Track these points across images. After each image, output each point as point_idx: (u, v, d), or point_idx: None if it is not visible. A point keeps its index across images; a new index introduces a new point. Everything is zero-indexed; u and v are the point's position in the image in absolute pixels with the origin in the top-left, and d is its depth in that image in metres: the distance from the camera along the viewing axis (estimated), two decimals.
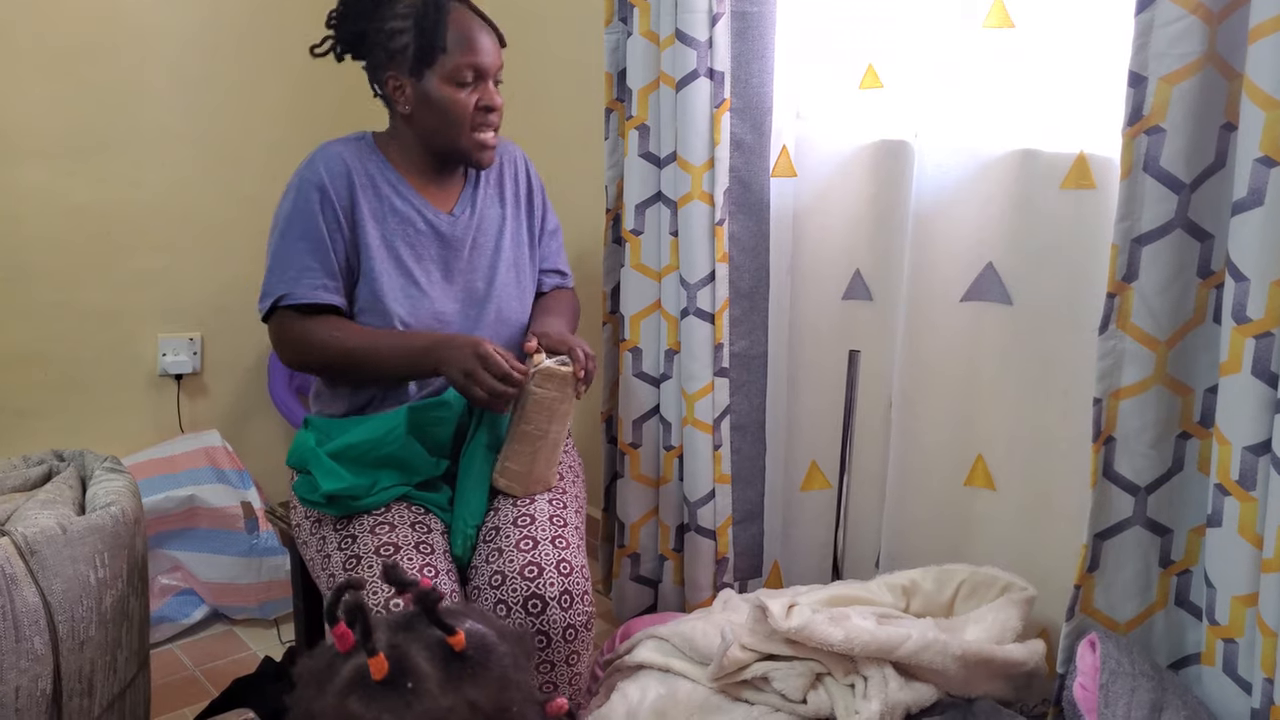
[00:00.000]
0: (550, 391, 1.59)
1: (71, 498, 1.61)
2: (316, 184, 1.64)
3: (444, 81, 1.63)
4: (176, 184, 2.37)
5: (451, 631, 0.82)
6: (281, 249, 1.64)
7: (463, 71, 1.62)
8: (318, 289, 1.62)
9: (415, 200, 1.69)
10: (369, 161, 1.69)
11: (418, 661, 0.83)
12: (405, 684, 0.82)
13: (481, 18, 1.67)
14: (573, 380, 1.60)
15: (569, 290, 1.89)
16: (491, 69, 1.65)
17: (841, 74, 1.86)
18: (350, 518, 1.58)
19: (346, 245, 1.65)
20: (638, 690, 1.60)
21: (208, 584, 2.24)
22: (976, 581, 1.69)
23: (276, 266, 1.64)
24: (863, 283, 1.92)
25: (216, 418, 2.49)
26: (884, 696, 1.46)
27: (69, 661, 1.47)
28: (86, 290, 2.30)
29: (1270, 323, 1.29)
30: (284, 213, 1.66)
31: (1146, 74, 1.38)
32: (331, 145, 1.70)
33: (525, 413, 1.59)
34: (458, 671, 0.84)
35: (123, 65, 2.27)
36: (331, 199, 1.63)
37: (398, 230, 1.67)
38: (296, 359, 1.68)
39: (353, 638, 0.84)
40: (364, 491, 1.57)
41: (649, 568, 2.12)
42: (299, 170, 1.67)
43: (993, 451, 1.78)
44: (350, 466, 1.58)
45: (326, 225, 1.63)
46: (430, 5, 1.62)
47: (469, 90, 1.64)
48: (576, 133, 2.35)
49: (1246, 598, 1.37)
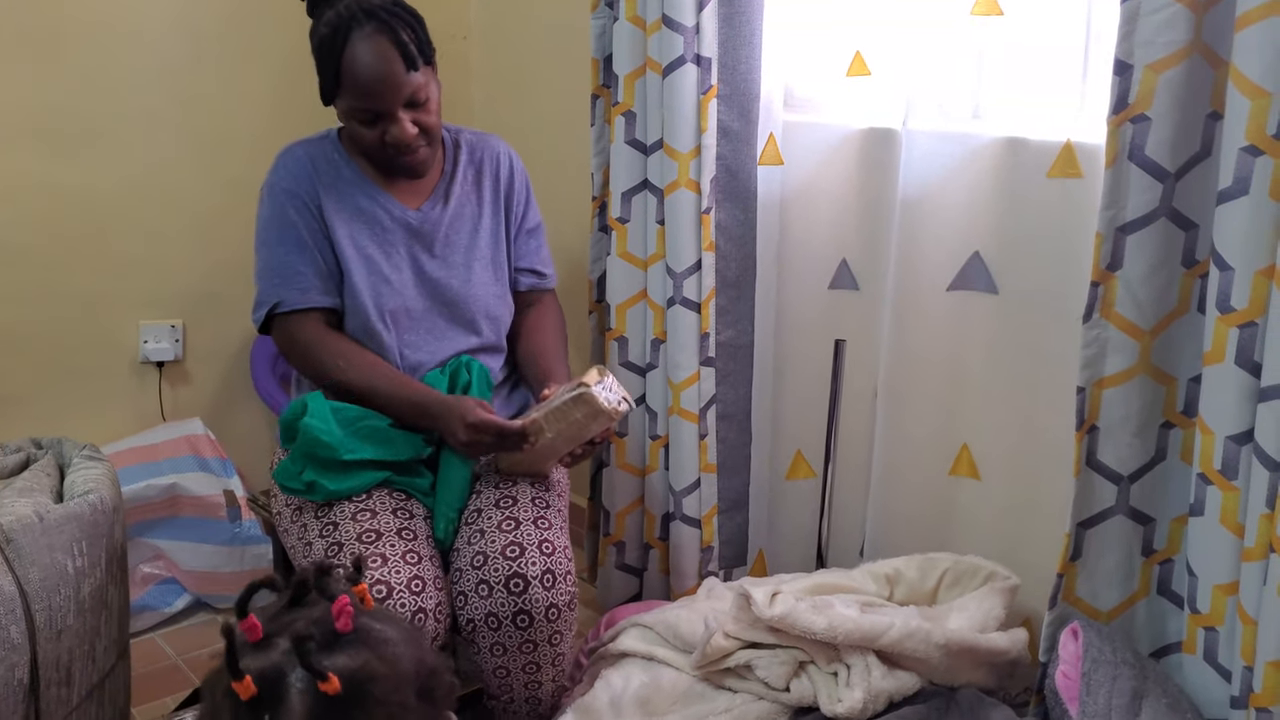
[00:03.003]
0: (582, 418, 1.57)
1: (49, 486, 1.59)
2: (286, 188, 1.66)
3: (348, 116, 1.62)
4: (159, 169, 2.35)
5: (323, 678, 0.82)
6: (267, 258, 1.66)
7: (359, 112, 1.60)
8: (309, 292, 1.64)
9: (380, 197, 1.69)
10: (332, 161, 1.69)
11: (288, 694, 0.83)
12: (264, 714, 0.82)
13: (393, 40, 1.55)
14: (611, 419, 1.59)
15: (549, 295, 1.85)
16: (392, 105, 1.57)
17: (829, 61, 1.85)
18: (331, 505, 1.57)
19: (329, 244, 1.66)
20: (621, 678, 1.60)
21: (190, 573, 2.23)
22: (960, 570, 1.70)
23: (265, 275, 1.66)
24: (849, 272, 1.91)
25: (199, 406, 2.47)
26: (867, 685, 1.46)
27: (46, 650, 1.46)
28: (66, 276, 2.28)
29: (1254, 312, 1.29)
30: (262, 222, 1.68)
31: (1132, 62, 1.37)
32: (294, 147, 1.71)
33: (553, 425, 1.57)
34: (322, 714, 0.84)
35: (106, 49, 2.24)
36: (304, 200, 1.65)
37: (364, 228, 1.68)
38: (304, 370, 1.71)
39: (260, 632, 0.85)
40: (340, 444, 1.57)
41: (634, 556, 2.12)
42: (267, 178, 1.69)
43: (977, 441, 1.78)
44: (341, 426, 1.58)
45: (306, 228, 1.65)
46: (327, 42, 1.57)
47: (373, 127, 1.60)
48: (563, 119, 2.34)
49: (1227, 586, 1.38)
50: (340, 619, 0.85)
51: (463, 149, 1.77)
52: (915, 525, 1.84)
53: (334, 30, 1.57)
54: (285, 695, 0.83)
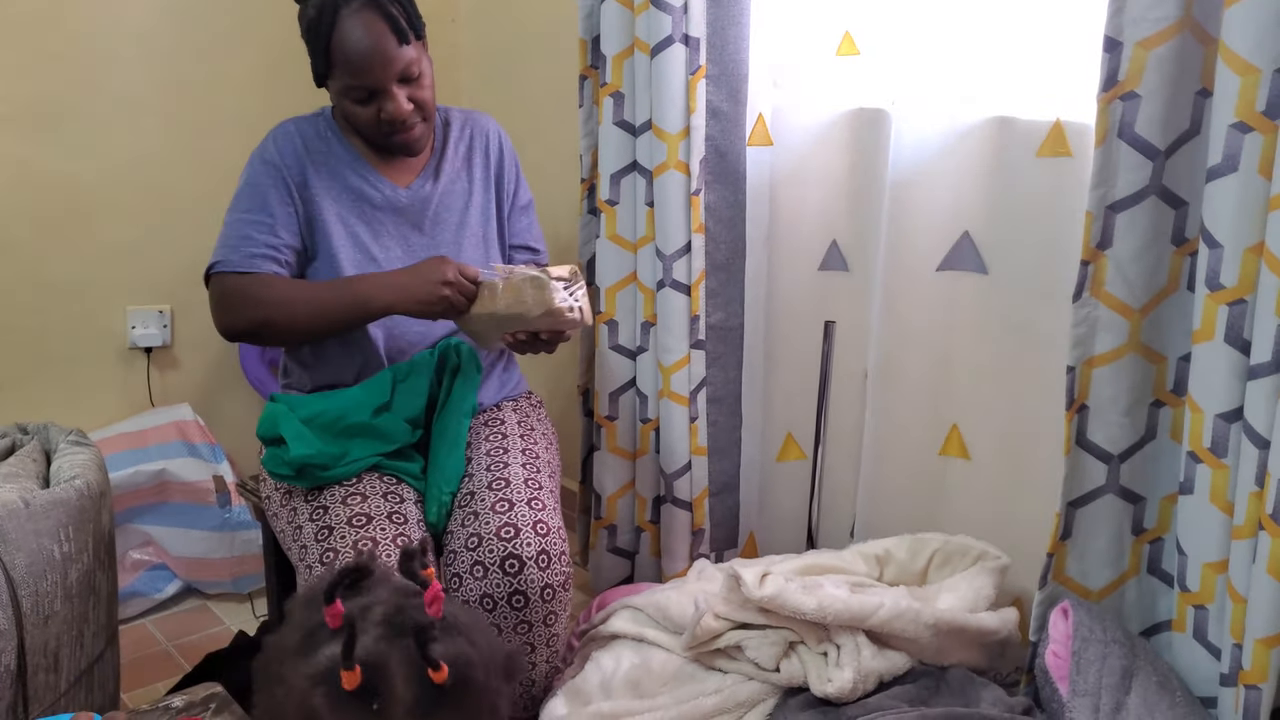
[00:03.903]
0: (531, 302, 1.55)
1: (35, 471, 1.59)
2: (268, 159, 1.65)
3: (342, 95, 1.61)
4: (146, 154, 2.33)
5: (436, 666, 0.80)
6: (228, 222, 1.66)
7: (353, 91, 1.59)
8: (254, 258, 1.62)
9: (371, 175, 1.68)
10: (324, 139, 1.69)
11: (394, 682, 0.81)
12: (371, 703, 0.80)
13: (383, 14, 1.55)
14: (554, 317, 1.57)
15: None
16: (385, 81, 1.57)
17: (818, 41, 1.84)
18: (321, 489, 1.57)
19: (300, 222, 1.65)
20: (612, 660, 1.60)
21: (180, 558, 2.22)
22: (950, 550, 1.70)
23: (220, 238, 1.66)
24: (839, 253, 1.91)
25: (187, 391, 2.46)
26: (857, 665, 1.46)
27: (33, 636, 1.45)
28: (54, 262, 2.26)
29: (1243, 290, 1.29)
30: (237, 190, 1.67)
31: (1122, 39, 1.36)
32: (288, 123, 1.70)
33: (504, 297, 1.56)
34: (430, 703, 0.82)
35: (89, 32, 2.22)
36: (283, 175, 1.64)
37: (353, 207, 1.67)
38: (229, 321, 1.63)
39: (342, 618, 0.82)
40: (333, 460, 1.55)
41: (626, 539, 2.12)
42: (256, 149, 1.68)
43: (967, 421, 1.78)
44: (320, 434, 1.57)
45: (276, 199, 1.64)
46: (315, 22, 1.56)
47: (367, 105, 1.60)
48: (551, 101, 2.32)
49: (1217, 564, 1.38)
50: (434, 605, 0.83)
51: (452, 126, 1.77)
52: (905, 506, 1.84)
53: (321, 10, 1.56)
54: (391, 684, 0.80)
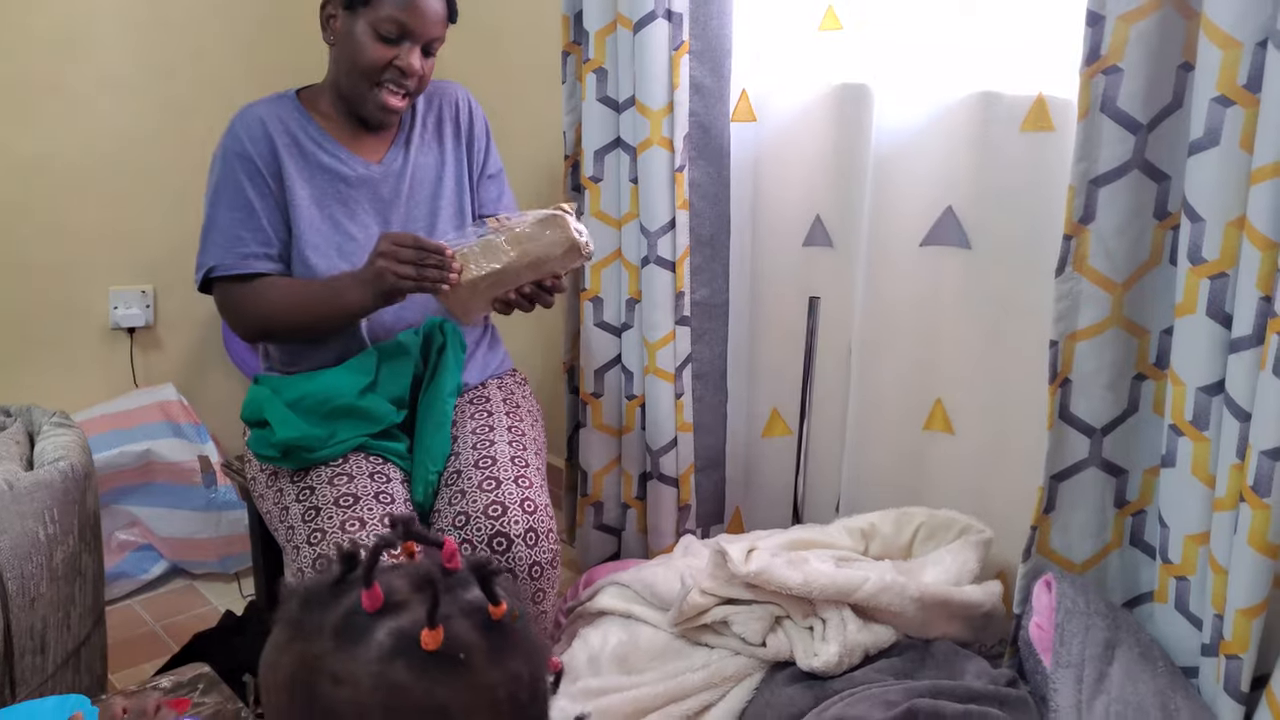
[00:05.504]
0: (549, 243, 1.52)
1: (18, 453, 1.58)
2: (238, 151, 1.63)
3: (369, 27, 1.59)
4: (126, 133, 2.31)
5: (496, 601, 0.79)
6: (211, 220, 1.64)
7: (388, 24, 1.58)
8: (247, 258, 1.62)
9: (341, 153, 1.67)
10: (290, 120, 1.66)
11: (463, 631, 0.80)
12: (458, 655, 0.79)
13: None
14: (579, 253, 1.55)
15: None
16: (422, 34, 1.58)
17: (801, 16, 1.83)
18: (307, 470, 1.56)
19: (280, 210, 1.64)
20: (599, 636, 1.61)
21: (166, 539, 2.22)
22: (935, 524, 1.71)
23: (206, 238, 1.64)
24: (823, 229, 1.91)
25: (171, 371, 2.45)
26: (842, 639, 1.47)
27: (20, 619, 1.45)
28: (34, 243, 2.24)
29: (1225, 264, 1.30)
30: (212, 184, 1.65)
31: (1104, 13, 1.36)
32: (252, 108, 1.67)
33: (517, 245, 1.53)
34: (499, 641, 0.81)
35: (67, 12, 2.20)
36: (256, 165, 1.62)
37: (328, 187, 1.66)
38: (243, 329, 1.67)
39: (383, 599, 0.81)
40: (319, 443, 1.55)
41: (612, 516, 2.12)
42: (221, 139, 1.66)
43: (951, 395, 1.79)
44: (306, 417, 1.56)
45: (255, 192, 1.62)
46: None
47: (389, 46, 1.59)
48: (534, 77, 2.31)
49: (1198, 536, 1.39)
50: (452, 560, 0.82)
51: (419, 99, 1.75)
52: (890, 480, 1.84)
53: None
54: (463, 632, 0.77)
